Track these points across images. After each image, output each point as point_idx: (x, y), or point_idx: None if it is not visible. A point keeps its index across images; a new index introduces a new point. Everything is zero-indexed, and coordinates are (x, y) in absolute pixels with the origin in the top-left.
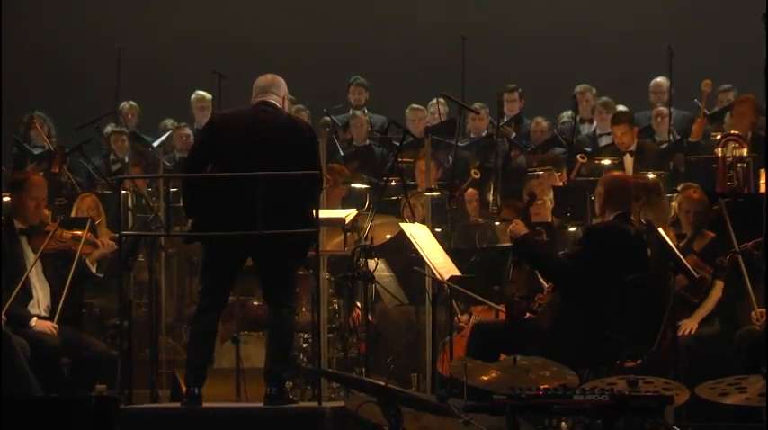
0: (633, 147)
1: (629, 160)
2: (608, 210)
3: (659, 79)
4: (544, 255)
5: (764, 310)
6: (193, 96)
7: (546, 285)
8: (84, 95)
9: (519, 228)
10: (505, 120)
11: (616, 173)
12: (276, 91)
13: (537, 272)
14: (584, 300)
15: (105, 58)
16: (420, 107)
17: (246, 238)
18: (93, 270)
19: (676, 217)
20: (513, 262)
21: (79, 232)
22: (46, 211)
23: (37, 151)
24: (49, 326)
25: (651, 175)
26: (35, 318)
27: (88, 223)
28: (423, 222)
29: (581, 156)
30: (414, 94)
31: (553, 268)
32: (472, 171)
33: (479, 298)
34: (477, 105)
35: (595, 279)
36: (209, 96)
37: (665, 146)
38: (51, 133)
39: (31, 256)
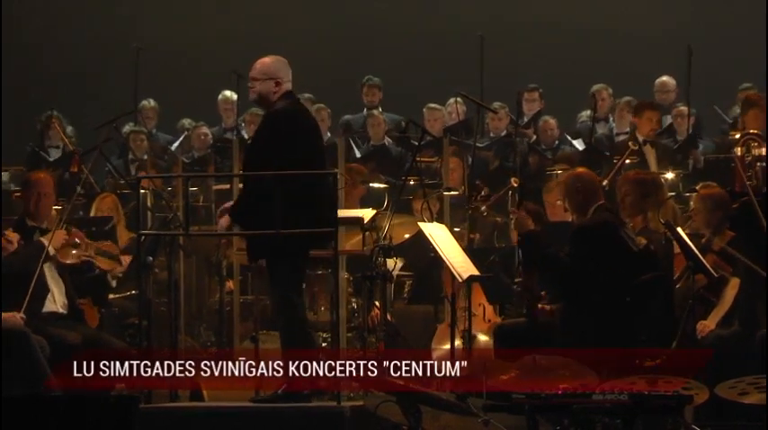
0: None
1: (650, 154)
2: (584, 207)
3: (664, 78)
4: (550, 254)
5: None
6: (220, 97)
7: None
8: (102, 96)
9: (526, 222)
10: (525, 119)
11: (580, 169)
12: None
13: (539, 269)
14: (592, 300)
15: (123, 58)
16: (438, 106)
17: None
18: (113, 284)
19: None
20: (521, 262)
21: (104, 244)
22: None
23: (53, 151)
24: (16, 318)
25: (670, 175)
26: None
27: (117, 252)
28: (440, 221)
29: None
30: (431, 94)
31: (558, 266)
32: (512, 179)
33: None
34: (496, 105)
35: (598, 277)
36: (234, 97)
37: (677, 145)
38: (68, 133)
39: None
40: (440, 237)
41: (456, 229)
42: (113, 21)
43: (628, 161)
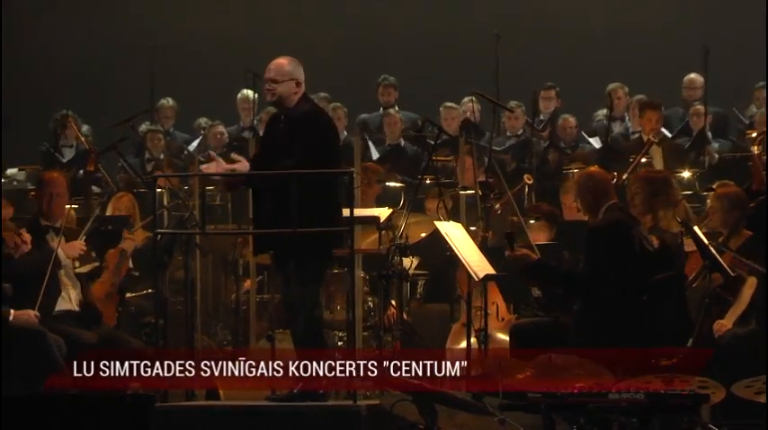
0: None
1: (657, 152)
2: (595, 206)
3: (693, 75)
4: (563, 273)
5: None
6: (239, 95)
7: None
8: (119, 94)
9: (525, 258)
10: (541, 118)
11: (592, 168)
12: None
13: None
14: (607, 300)
15: (139, 57)
16: (454, 105)
17: None
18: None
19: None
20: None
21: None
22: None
23: (66, 151)
24: (30, 315)
25: (686, 173)
26: (12, 311)
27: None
28: (456, 220)
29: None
30: (447, 93)
31: (574, 282)
32: (525, 176)
33: None
34: (512, 104)
35: (613, 277)
36: (254, 95)
37: (689, 144)
38: (83, 132)
39: (60, 253)
40: (456, 236)
41: (472, 228)
42: (129, 20)
43: (644, 160)
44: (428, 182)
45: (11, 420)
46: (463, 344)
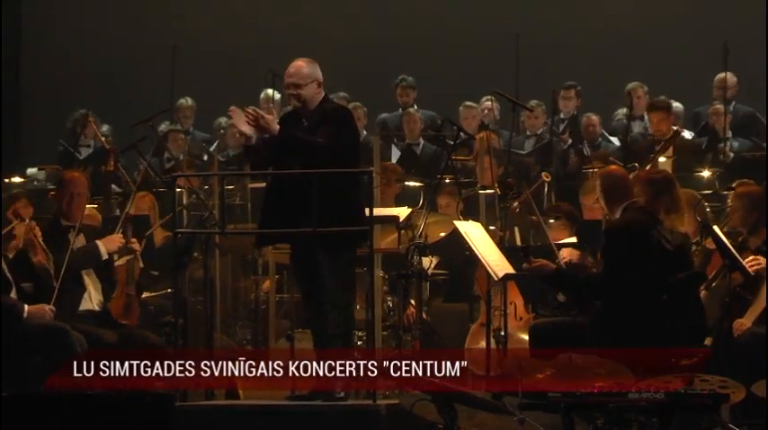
0: (669, 135)
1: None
2: (613, 205)
3: (724, 74)
4: (582, 280)
5: None
6: (262, 95)
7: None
8: (139, 94)
9: (543, 268)
10: (561, 116)
11: (612, 167)
12: None
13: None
14: (627, 299)
15: (160, 56)
16: (473, 104)
17: None
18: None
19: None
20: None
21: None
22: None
23: (84, 150)
24: (44, 310)
25: (707, 173)
26: (26, 306)
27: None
28: (476, 220)
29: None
30: (466, 92)
31: (593, 286)
32: (543, 174)
33: None
34: (532, 103)
35: (632, 276)
36: (277, 95)
37: (705, 144)
38: (103, 131)
39: (101, 248)
40: (475, 235)
41: (491, 228)
42: (150, 19)
43: (663, 159)
44: (447, 181)
45: (18, 418)
46: (482, 345)
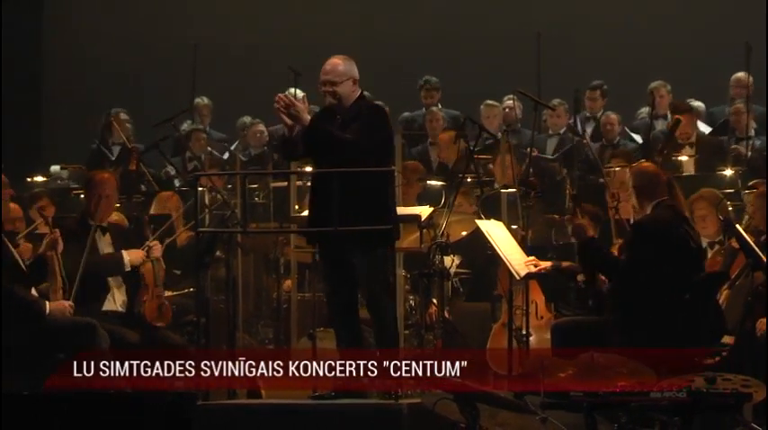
0: (693, 139)
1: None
2: (645, 202)
3: (741, 74)
4: (611, 260)
5: None
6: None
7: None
8: (160, 93)
9: (584, 230)
10: (587, 115)
11: (644, 163)
12: None
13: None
14: (650, 298)
15: (180, 56)
16: (495, 103)
17: None
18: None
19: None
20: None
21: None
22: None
23: (116, 149)
24: (64, 306)
25: (729, 172)
26: (47, 302)
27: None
28: (497, 219)
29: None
30: (488, 91)
31: (615, 268)
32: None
33: None
34: (555, 102)
35: (656, 274)
36: (300, 94)
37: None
38: (130, 131)
39: (125, 258)
40: (497, 234)
41: (513, 227)
42: (172, 18)
43: (685, 158)
44: (468, 180)
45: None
46: (504, 344)
